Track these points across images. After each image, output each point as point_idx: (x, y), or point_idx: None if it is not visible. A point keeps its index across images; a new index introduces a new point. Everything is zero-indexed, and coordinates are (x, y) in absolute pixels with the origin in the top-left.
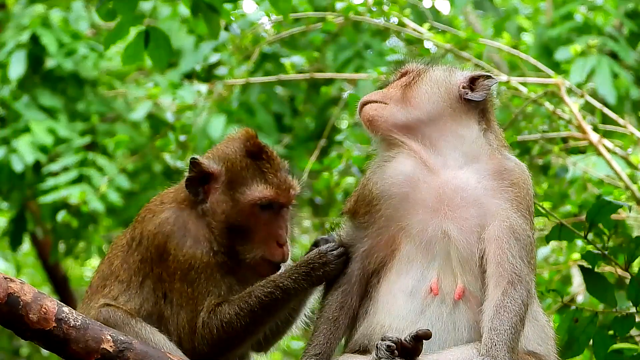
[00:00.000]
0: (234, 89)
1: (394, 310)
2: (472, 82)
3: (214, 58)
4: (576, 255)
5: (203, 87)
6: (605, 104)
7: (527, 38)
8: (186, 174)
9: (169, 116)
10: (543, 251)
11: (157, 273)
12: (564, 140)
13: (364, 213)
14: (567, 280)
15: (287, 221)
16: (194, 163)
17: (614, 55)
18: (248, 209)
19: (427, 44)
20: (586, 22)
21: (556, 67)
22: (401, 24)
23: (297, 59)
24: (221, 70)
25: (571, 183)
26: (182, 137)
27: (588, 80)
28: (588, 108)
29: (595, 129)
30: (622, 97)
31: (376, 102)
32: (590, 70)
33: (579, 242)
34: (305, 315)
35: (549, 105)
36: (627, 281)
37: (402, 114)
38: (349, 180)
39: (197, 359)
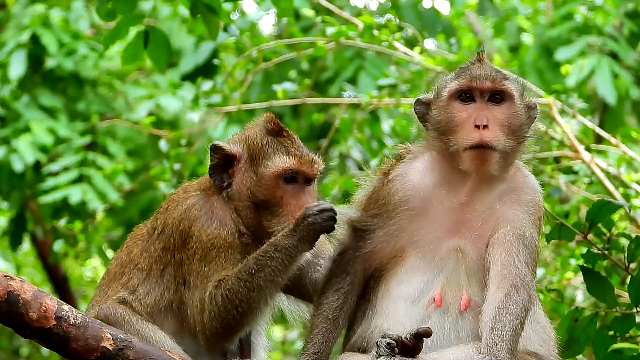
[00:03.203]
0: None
1: (393, 315)
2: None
3: (207, 86)
4: (570, 274)
5: (195, 116)
6: (605, 105)
7: (527, 38)
8: (208, 163)
9: (163, 145)
10: (538, 272)
11: (178, 259)
12: (557, 160)
13: (374, 215)
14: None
15: (312, 196)
16: (215, 148)
17: (614, 55)
18: (273, 182)
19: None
20: (586, 22)
21: (556, 67)
22: (392, 47)
23: (289, 85)
24: (215, 99)
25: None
26: (176, 166)
27: (588, 81)
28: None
29: (588, 149)
30: (622, 97)
31: (494, 150)
32: (590, 71)
33: (573, 262)
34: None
35: (541, 126)
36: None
37: (500, 169)
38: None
39: (211, 342)
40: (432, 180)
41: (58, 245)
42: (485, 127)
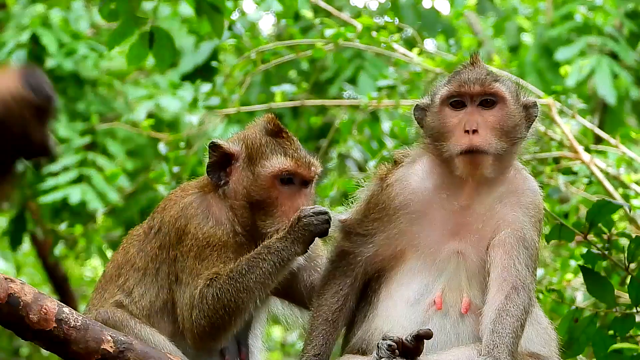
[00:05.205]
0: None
1: (394, 317)
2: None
3: (205, 88)
4: (569, 276)
5: (194, 118)
6: (605, 105)
7: (527, 38)
8: (206, 160)
9: (162, 148)
10: (537, 273)
11: (172, 256)
12: (556, 160)
13: (374, 219)
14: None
15: (309, 198)
16: (214, 146)
17: (614, 55)
18: (269, 182)
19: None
20: (586, 22)
21: (556, 67)
22: (390, 49)
23: (288, 87)
24: (213, 101)
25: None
26: (175, 169)
27: (588, 81)
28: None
29: (587, 149)
30: (622, 97)
31: (486, 154)
32: (590, 71)
33: (573, 263)
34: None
35: (540, 126)
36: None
37: (496, 172)
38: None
39: (199, 341)
40: (431, 184)
41: (59, 250)
42: (475, 131)
